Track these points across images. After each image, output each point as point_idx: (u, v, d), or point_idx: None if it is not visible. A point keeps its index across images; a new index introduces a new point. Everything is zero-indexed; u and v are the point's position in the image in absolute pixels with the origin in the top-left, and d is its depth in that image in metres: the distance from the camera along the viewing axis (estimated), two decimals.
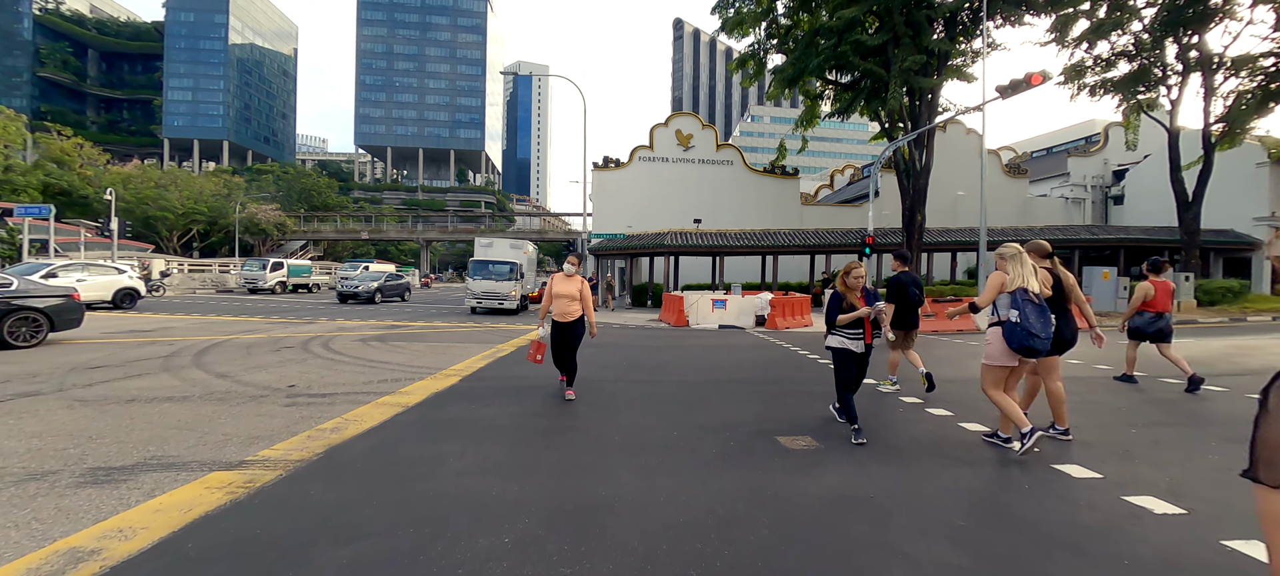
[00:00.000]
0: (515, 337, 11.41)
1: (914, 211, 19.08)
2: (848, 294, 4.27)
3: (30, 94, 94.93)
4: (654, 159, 27.77)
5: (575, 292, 5.62)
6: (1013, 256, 3.87)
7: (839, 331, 4.33)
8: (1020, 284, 3.76)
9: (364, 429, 4.39)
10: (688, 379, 6.86)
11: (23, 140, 47.96)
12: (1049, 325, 3.76)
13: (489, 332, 12.58)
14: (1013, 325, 3.72)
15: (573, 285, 5.64)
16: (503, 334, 12.24)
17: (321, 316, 15.80)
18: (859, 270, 4.26)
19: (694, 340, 11.66)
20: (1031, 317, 3.66)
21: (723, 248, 21.91)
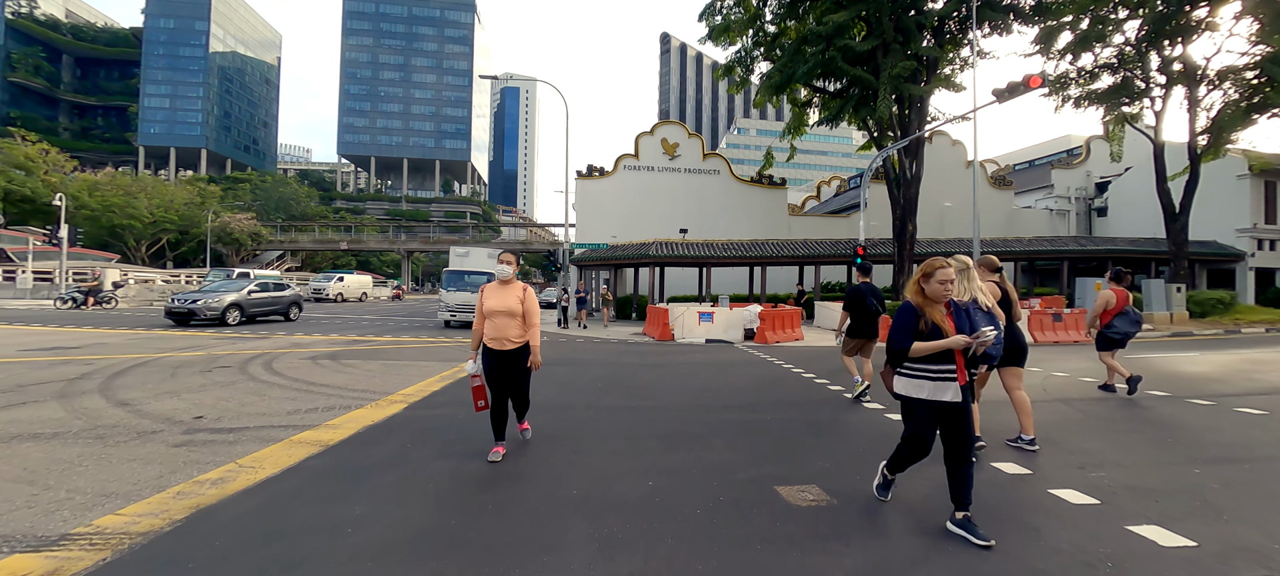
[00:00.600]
0: None
1: (905, 221, 18.59)
2: (927, 308, 2.85)
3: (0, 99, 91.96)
4: (639, 168, 27.11)
5: (515, 307, 3.93)
6: (962, 271, 3.96)
7: (914, 368, 2.86)
8: (970, 297, 3.86)
9: (257, 480, 3.47)
10: (670, 404, 6.02)
11: None
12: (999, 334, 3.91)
13: (457, 349, 11.62)
14: None
15: (510, 296, 3.95)
16: None
17: (279, 331, 14.68)
18: (946, 270, 2.83)
19: (679, 356, 10.84)
20: (981, 328, 3.69)
21: (710, 258, 21.21)
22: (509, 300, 3.95)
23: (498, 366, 3.97)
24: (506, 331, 3.92)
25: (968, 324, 3.85)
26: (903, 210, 18.71)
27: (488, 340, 3.98)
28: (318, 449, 4.15)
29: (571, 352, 11.20)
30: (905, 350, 2.81)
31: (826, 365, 9.51)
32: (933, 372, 2.80)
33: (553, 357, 10.28)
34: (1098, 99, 23.02)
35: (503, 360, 3.97)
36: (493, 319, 3.94)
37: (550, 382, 7.31)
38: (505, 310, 3.92)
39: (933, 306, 2.85)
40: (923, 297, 2.88)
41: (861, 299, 6.37)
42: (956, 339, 2.74)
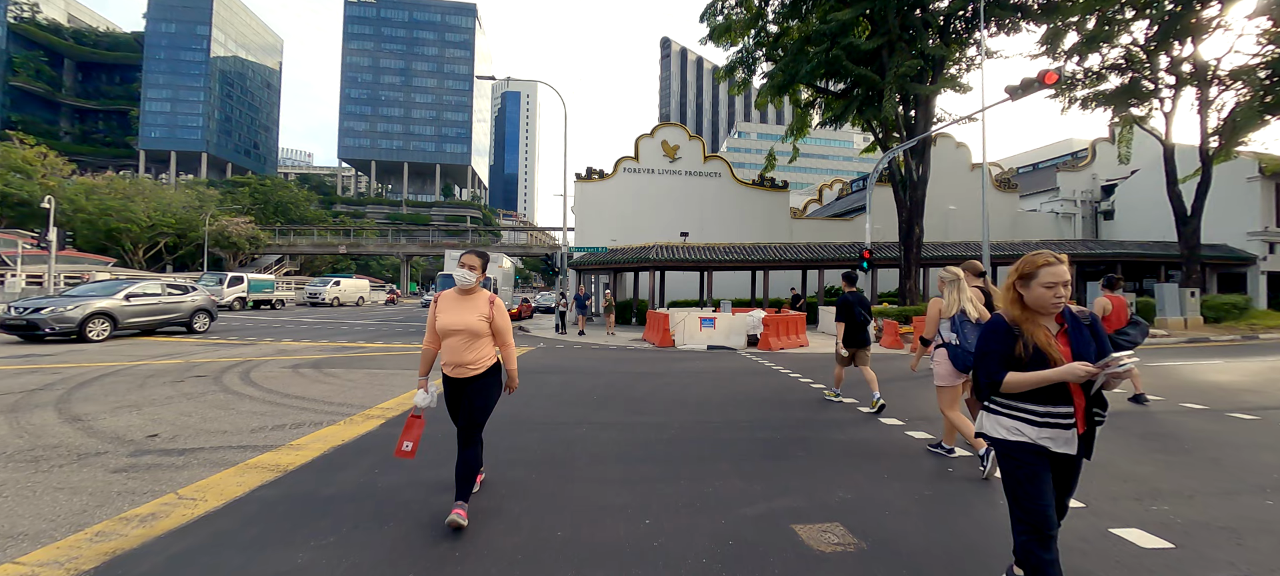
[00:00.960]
0: None
1: (912, 224, 18.13)
2: (1026, 325, 2.00)
3: (1, 103, 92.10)
4: (639, 170, 26.70)
5: (477, 325, 2.97)
6: (951, 282, 3.94)
7: (1010, 405, 2.04)
8: (957, 308, 3.84)
9: (194, 516, 3.01)
10: (671, 421, 5.55)
11: None
12: None
13: None
14: (955, 348, 3.84)
15: (472, 311, 3.00)
16: None
17: (268, 336, 14.23)
18: (1056, 268, 2.00)
19: (681, 364, 10.37)
20: (971, 338, 3.76)
21: (711, 262, 20.76)
22: (469, 316, 2.97)
23: (456, 398, 3.06)
24: (464, 356, 2.98)
25: (959, 334, 3.81)
26: (909, 213, 18.26)
27: (445, 364, 3.05)
28: (273, 475, 3.68)
29: (567, 360, 10.74)
30: (997, 382, 2.01)
31: None
32: (1037, 415, 1.95)
33: (547, 366, 9.81)
34: (1105, 100, 22.61)
35: (460, 390, 3.03)
36: (451, 341, 2.99)
37: (542, 395, 6.85)
38: (465, 328, 2.95)
39: (1035, 322, 1.99)
40: (1021, 309, 2.03)
41: (850, 309, 6.43)
42: (1073, 369, 1.86)
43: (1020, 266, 2.08)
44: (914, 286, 18.07)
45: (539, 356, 11.32)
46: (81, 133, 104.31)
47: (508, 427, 5.02)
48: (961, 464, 4.14)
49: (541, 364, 10.05)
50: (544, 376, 8.43)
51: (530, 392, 6.92)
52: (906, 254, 18.18)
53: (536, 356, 11.30)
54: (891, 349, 14.07)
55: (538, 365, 9.84)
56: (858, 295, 6.50)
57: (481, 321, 3.01)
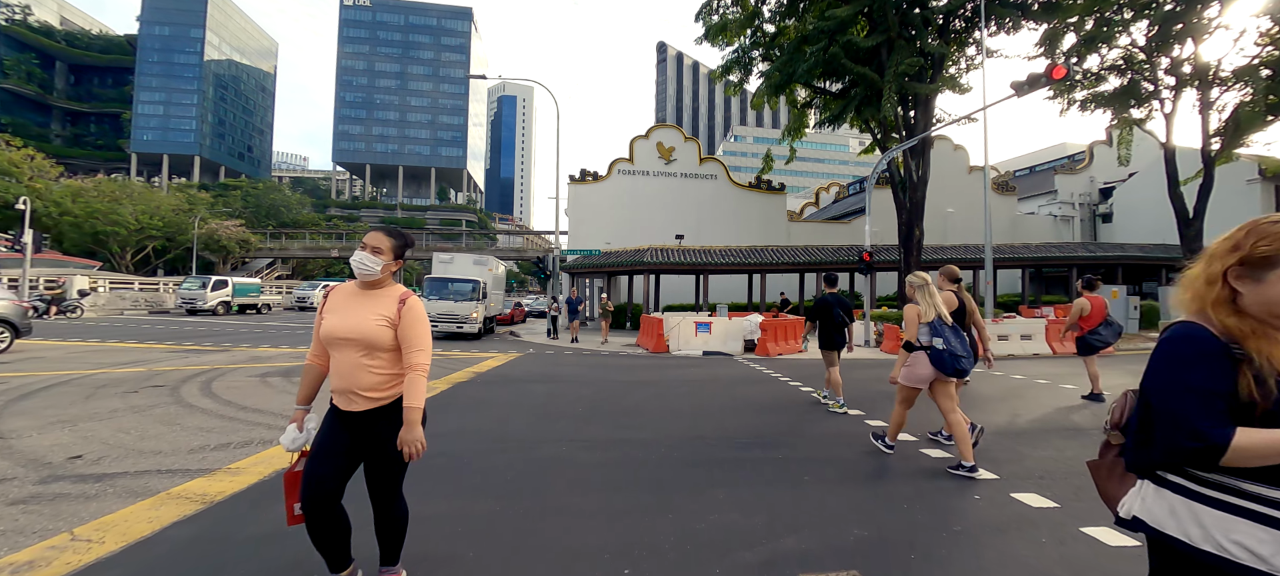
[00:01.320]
0: (463, 367, 9.52)
1: (912, 226, 17.73)
2: (1257, 343, 1.08)
3: None
4: (634, 172, 26.27)
5: (380, 331, 2.07)
6: (920, 287, 4.03)
7: (1241, 491, 1.07)
8: (935, 313, 3.93)
9: (77, 565, 2.49)
10: (662, 436, 5.05)
11: None
12: (966, 343, 4.00)
13: (437, 362, 10.62)
14: (939, 351, 3.90)
15: (369, 312, 2.10)
16: (449, 364, 10.31)
17: (244, 342, 13.65)
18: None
19: (675, 371, 9.88)
20: (953, 341, 3.90)
21: (707, 265, 20.31)
22: (363, 318, 2.07)
23: (345, 437, 2.10)
24: (357, 378, 2.05)
25: (943, 338, 3.88)
26: (909, 214, 17.86)
27: (333, 393, 2.13)
28: (195, 507, 3.17)
29: (555, 367, 10.23)
30: (1216, 443, 1.05)
31: None
32: None
33: (534, 374, 9.31)
34: (1104, 102, 22.35)
35: (354, 428, 2.10)
36: (339, 351, 2.09)
37: (525, 407, 6.35)
38: (357, 337, 2.05)
39: (1273, 338, 1.09)
40: (1241, 317, 1.14)
41: (829, 310, 6.36)
42: None
43: (1241, 243, 1.17)
44: None
45: (526, 364, 10.80)
46: (73, 136, 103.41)
47: (481, 449, 4.52)
48: (990, 488, 3.66)
49: (528, 371, 9.54)
50: (528, 386, 7.93)
51: (512, 405, 6.43)
52: (906, 256, 17.77)
53: (523, 364, 10.79)
54: (894, 354, 13.61)
55: (523, 373, 9.33)
56: (837, 297, 6.44)
57: (381, 327, 2.05)
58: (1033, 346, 13.80)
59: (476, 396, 6.92)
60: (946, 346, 3.87)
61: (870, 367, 10.81)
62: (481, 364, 10.57)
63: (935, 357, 3.91)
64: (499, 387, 7.67)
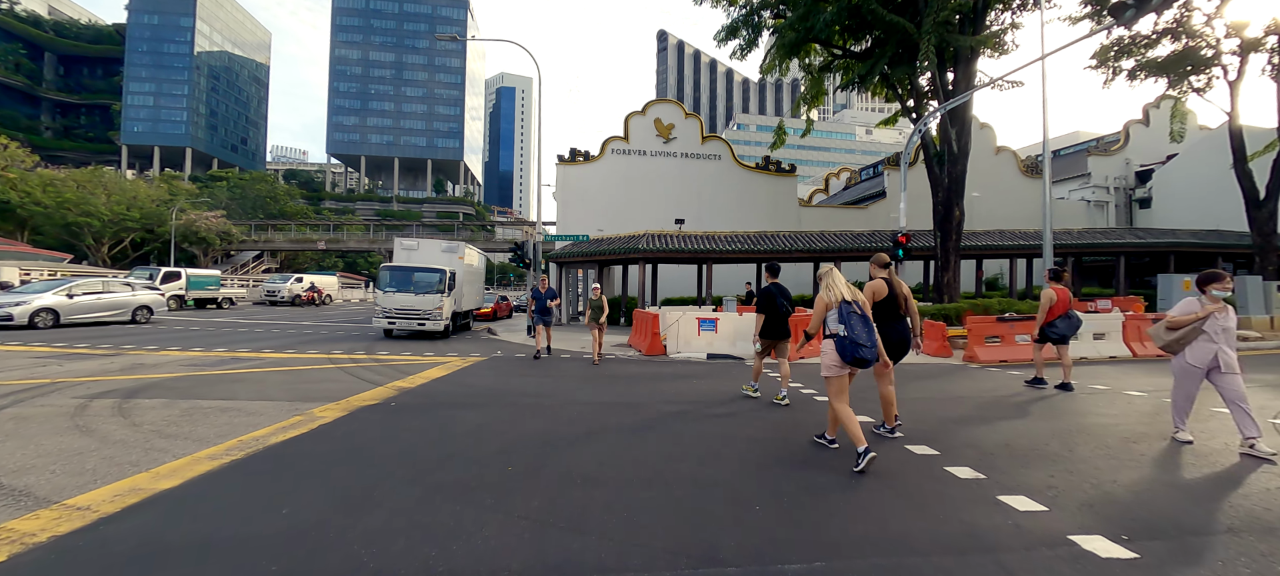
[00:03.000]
0: (392, 379, 7.15)
1: (950, 205, 15.21)
2: None
3: None
4: (629, 152, 23.77)
5: None
6: (827, 273, 4.08)
7: None
8: (840, 298, 3.89)
9: None
10: (634, 533, 2.68)
11: None
12: (873, 333, 3.91)
13: (338, 378, 8.27)
14: (842, 338, 3.83)
15: None
16: (378, 373, 7.95)
17: (153, 343, 11.30)
18: None
19: (671, 385, 7.49)
20: (857, 329, 3.83)
21: (710, 253, 17.87)
22: None
23: None
24: None
25: (846, 325, 3.83)
26: (946, 192, 15.35)
27: None
28: None
29: (510, 380, 7.85)
30: None
31: (907, 409, 6.20)
32: None
33: (476, 391, 6.92)
34: (1157, 69, 19.77)
35: None
36: None
37: (415, 467, 3.96)
38: None
39: None
40: None
41: (772, 299, 6.41)
42: None
43: None
44: (953, 280, 15.17)
45: (478, 374, 8.42)
46: (64, 127, 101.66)
47: None
48: None
49: (471, 388, 7.15)
50: (455, 415, 5.53)
51: (399, 460, 4.03)
52: (943, 242, 15.27)
53: (475, 374, 8.40)
54: (938, 356, 11.19)
55: (463, 391, 6.94)
56: (779, 287, 6.52)
57: None
58: (1107, 347, 11.35)
59: (358, 440, 4.54)
60: (848, 333, 3.81)
61: (913, 378, 8.42)
62: (422, 373, 8.19)
63: (837, 344, 3.86)
64: (409, 419, 5.28)
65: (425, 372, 8.32)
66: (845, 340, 3.79)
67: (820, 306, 4.03)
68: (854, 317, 3.83)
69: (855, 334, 3.78)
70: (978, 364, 10.12)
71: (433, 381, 7.51)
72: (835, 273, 4.08)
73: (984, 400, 6.57)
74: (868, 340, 3.81)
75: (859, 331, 3.80)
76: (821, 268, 4.29)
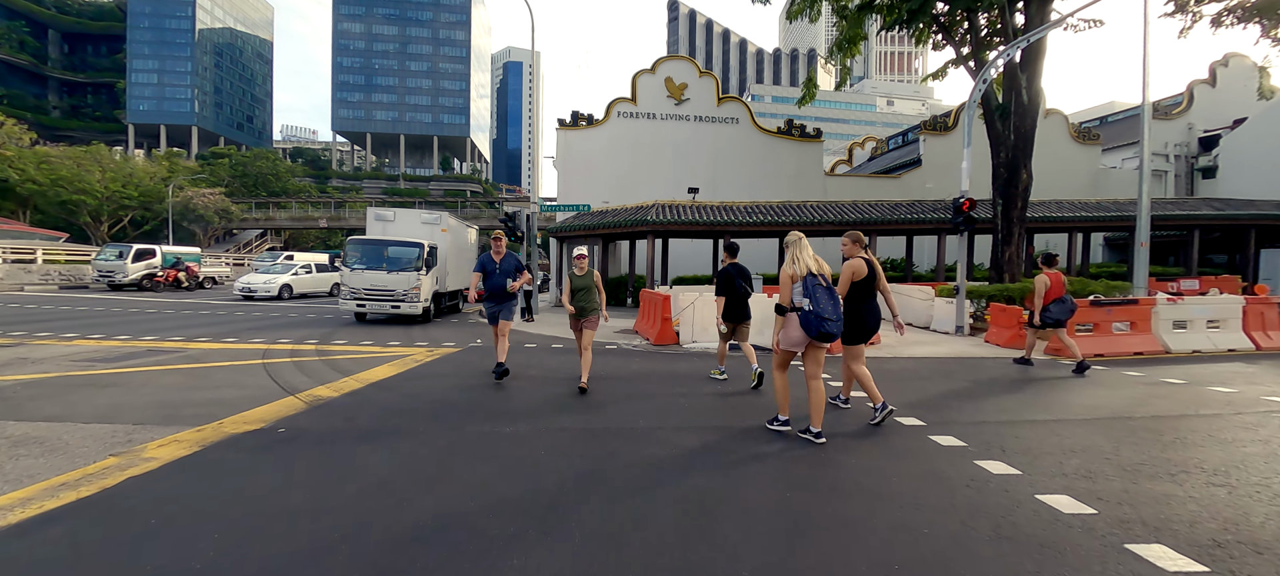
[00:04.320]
0: (309, 387, 5.32)
1: (1016, 167, 12.84)
2: None
3: None
4: (637, 115, 21.49)
5: None
6: (794, 243, 3.93)
7: None
8: (806, 270, 3.75)
9: None
10: None
11: None
12: (839, 307, 3.78)
13: (291, 369, 6.44)
14: (807, 313, 3.70)
15: None
16: (323, 370, 6.11)
17: (96, 331, 9.61)
18: None
19: (689, 398, 5.56)
20: (823, 302, 3.68)
21: (728, 225, 15.76)
22: None
23: None
24: None
25: (812, 299, 3.64)
26: (1011, 152, 12.98)
27: None
28: None
29: (477, 383, 5.95)
30: None
31: (1037, 442, 4.23)
32: None
33: (424, 398, 5.03)
34: (1249, 13, 16.92)
35: None
36: None
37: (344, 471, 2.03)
38: None
39: None
40: None
41: (731, 281, 6.22)
42: None
43: None
44: (1016, 254, 12.92)
45: (435, 374, 6.56)
46: (71, 107, 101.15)
47: None
48: None
49: (415, 396, 5.27)
50: (362, 448, 3.64)
51: (184, 565, 2.11)
52: (1005, 210, 12.96)
53: (429, 375, 6.54)
54: (1010, 348, 9.11)
55: (399, 402, 5.07)
56: (738, 266, 6.33)
57: None
58: (1224, 337, 9.15)
59: (143, 520, 2.65)
60: (814, 307, 3.66)
61: (964, 369, 6.41)
62: (366, 372, 6.36)
63: (802, 319, 3.70)
64: (278, 465, 3.40)
65: (372, 371, 6.47)
66: (810, 315, 3.66)
67: (786, 279, 3.84)
68: (820, 290, 3.70)
69: (821, 308, 3.65)
70: (1068, 358, 8.03)
71: (371, 386, 5.65)
72: (803, 243, 3.93)
73: (1144, 424, 4.52)
74: (834, 314, 3.68)
75: (825, 305, 3.67)
76: (789, 236, 4.05)
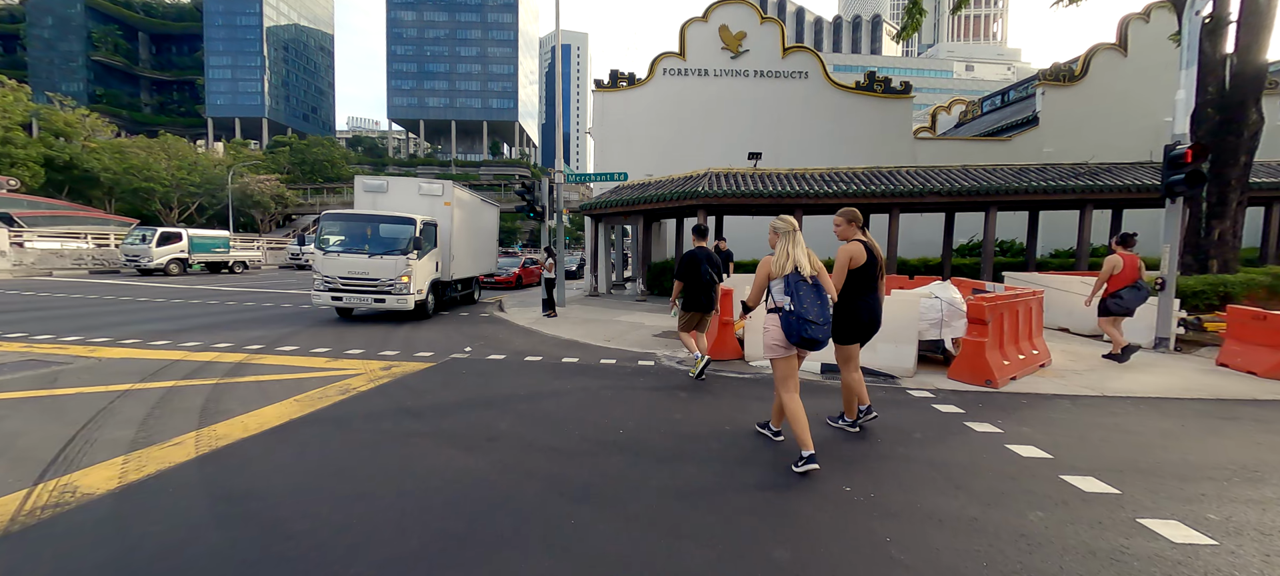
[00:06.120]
0: (210, 424, 2.94)
1: (1239, 104, 8.78)
2: None
3: (86, 78, 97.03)
4: (686, 71, 18.30)
5: None
6: (786, 232, 3.31)
7: None
8: (793, 266, 3.20)
9: None
10: None
11: (27, 113, 45.43)
12: (827, 308, 3.24)
13: (154, 404, 4.05)
14: (788, 314, 3.15)
15: None
16: (178, 414, 3.74)
17: (99, 329, 7.94)
18: None
19: (755, 474, 2.64)
20: (806, 303, 3.13)
21: (799, 197, 12.47)
22: None
23: None
24: None
25: (794, 298, 3.10)
26: (1231, 81, 8.92)
27: None
28: None
29: (418, 452, 3.31)
30: None
31: None
32: None
33: (289, 493, 2.38)
34: None
35: None
36: None
37: None
38: None
39: None
40: None
41: (695, 266, 5.62)
42: None
43: None
44: (1232, 233, 8.94)
45: (350, 417, 3.99)
46: (159, 104, 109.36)
47: None
48: None
49: (253, 493, 2.66)
50: None
51: None
52: (1218, 167, 8.95)
53: (338, 419, 3.98)
54: (1272, 379, 5.54)
55: (215, 502, 2.45)
56: (705, 251, 5.70)
57: None
58: None
59: None
60: (796, 308, 3.09)
61: (1186, 412, 2.94)
62: (220, 424, 3.89)
63: (784, 321, 3.15)
64: None
65: (258, 415, 4.02)
66: (792, 316, 3.10)
67: (763, 272, 3.31)
68: (804, 287, 3.14)
69: (803, 309, 3.08)
70: None
71: (224, 449, 3.17)
72: (797, 235, 3.28)
73: None
74: (820, 316, 3.12)
75: (809, 306, 3.10)
76: (779, 221, 3.32)
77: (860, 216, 3.77)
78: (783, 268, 3.20)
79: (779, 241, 3.32)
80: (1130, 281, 6.31)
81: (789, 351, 3.26)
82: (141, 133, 65.86)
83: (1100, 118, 19.53)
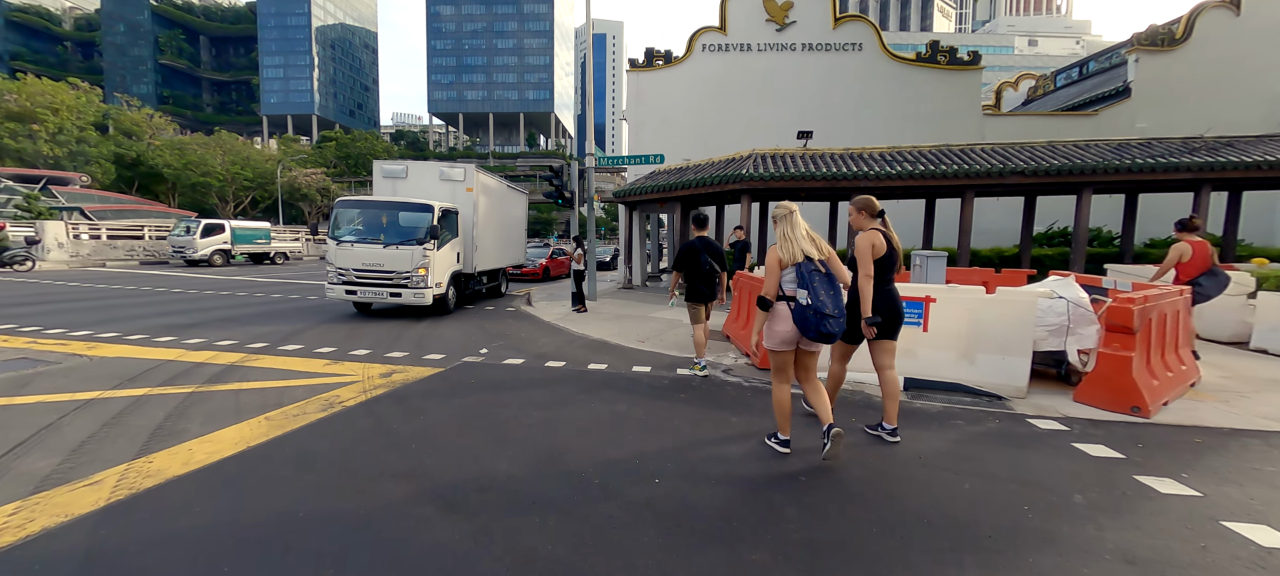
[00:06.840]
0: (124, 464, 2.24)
1: None
2: None
3: (154, 81, 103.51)
4: (727, 47, 16.94)
5: None
6: (784, 217, 3.13)
7: None
8: (803, 254, 3.02)
9: None
10: None
11: (100, 113, 48.44)
12: (841, 298, 3.05)
13: (81, 419, 3.36)
14: (804, 307, 2.95)
15: None
16: (124, 433, 3.07)
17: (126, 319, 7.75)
18: None
19: None
20: (822, 294, 2.93)
21: (858, 179, 11.07)
22: None
23: None
24: None
25: (809, 290, 2.89)
26: None
27: None
28: None
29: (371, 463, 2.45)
30: None
31: None
32: None
33: None
34: None
35: None
36: None
37: None
38: None
39: None
40: None
41: (695, 256, 5.39)
42: None
43: None
44: None
45: (316, 449, 3.17)
46: (220, 103, 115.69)
47: None
48: None
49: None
50: None
51: None
52: None
53: (302, 454, 3.16)
54: None
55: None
56: (705, 241, 5.41)
57: None
58: None
59: None
60: (812, 301, 2.90)
61: None
62: (182, 445, 3.16)
63: (798, 314, 2.95)
64: None
65: (222, 435, 3.29)
66: (808, 310, 2.91)
67: (773, 263, 3.10)
68: (817, 276, 2.96)
69: (819, 302, 2.89)
70: None
71: (143, 494, 2.42)
72: (796, 218, 3.11)
73: None
74: (835, 308, 2.94)
75: (825, 298, 2.92)
76: (778, 207, 3.15)
77: (877, 205, 3.49)
78: (793, 256, 3.03)
79: (779, 227, 3.16)
80: (1204, 268, 5.71)
81: (790, 346, 3.09)
82: (202, 131, 69.58)
83: (1208, 86, 16.98)
